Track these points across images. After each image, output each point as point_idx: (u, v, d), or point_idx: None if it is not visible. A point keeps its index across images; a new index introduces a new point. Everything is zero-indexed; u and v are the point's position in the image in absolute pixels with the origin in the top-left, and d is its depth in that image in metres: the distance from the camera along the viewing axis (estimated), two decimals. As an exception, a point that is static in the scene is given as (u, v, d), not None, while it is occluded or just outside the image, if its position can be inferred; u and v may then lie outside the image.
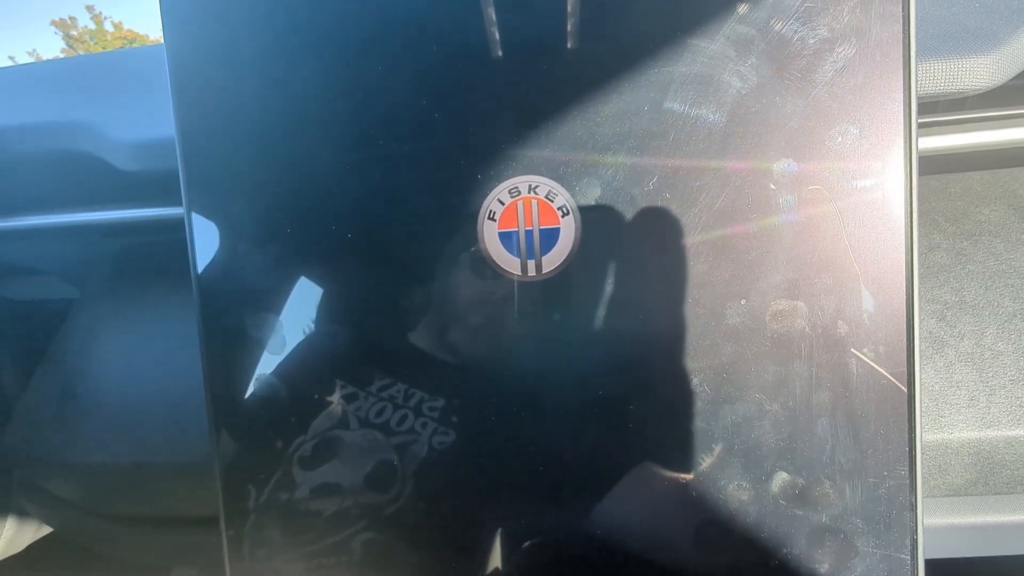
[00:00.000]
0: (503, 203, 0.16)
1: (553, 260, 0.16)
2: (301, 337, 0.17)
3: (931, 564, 0.18)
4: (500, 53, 0.16)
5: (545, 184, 0.16)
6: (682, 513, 0.16)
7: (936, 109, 0.22)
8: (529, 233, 0.16)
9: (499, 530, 0.17)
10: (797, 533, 0.16)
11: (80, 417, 0.22)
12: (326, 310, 0.17)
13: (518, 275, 0.16)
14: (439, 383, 0.17)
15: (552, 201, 0.16)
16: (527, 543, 0.17)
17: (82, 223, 0.23)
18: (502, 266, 0.16)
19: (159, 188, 0.22)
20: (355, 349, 0.17)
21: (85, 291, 0.24)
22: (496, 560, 0.17)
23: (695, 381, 0.16)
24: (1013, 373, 0.19)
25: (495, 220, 0.16)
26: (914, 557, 0.16)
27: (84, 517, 0.23)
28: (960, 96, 0.19)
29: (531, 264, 0.16)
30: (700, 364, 0.16)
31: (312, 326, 0.17)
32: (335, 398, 0.17)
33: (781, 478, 0.16)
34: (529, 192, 0.16)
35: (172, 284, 0.23)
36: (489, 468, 0.17)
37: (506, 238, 0.16)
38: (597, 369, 0.16)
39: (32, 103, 0.24)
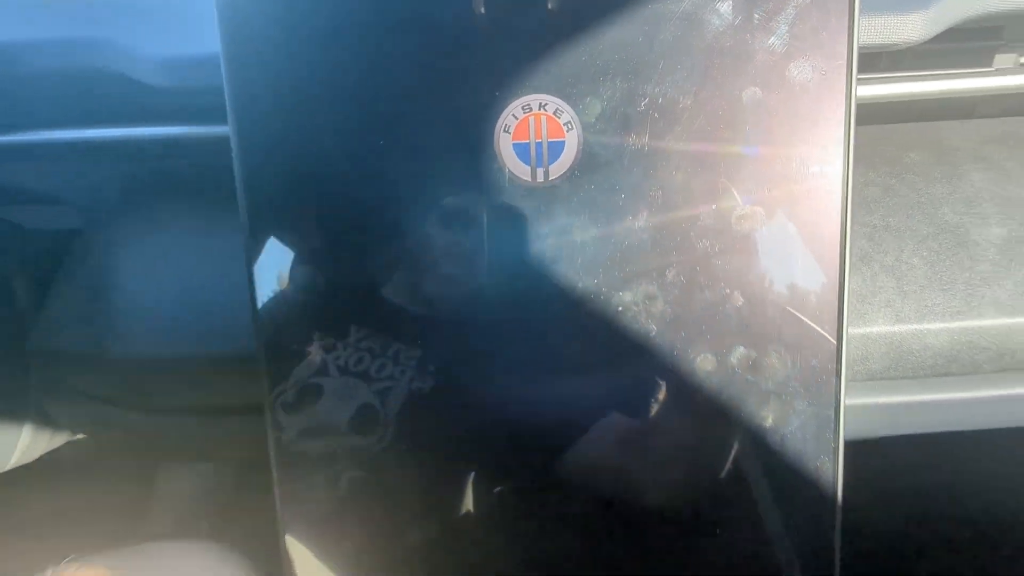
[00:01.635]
0: (516, 118, 0.19)
1: (558, 169, 0.19)
2: (339, 238, 0.20)
3: (853, 444, 0.22)
4: None
5: (553, 102, 0.19)
6: (655, 380, 0.20)
7: (877, 66, 0.26)
8: (539, 144, 0.19)
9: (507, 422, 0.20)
10: (750, 395, 0.20)
11: (114, 313, 0.23)
12: (363, 210, 0.19)
13: (528, 181, 0.19)
14: (461, 275, 0.19)
15: (559, 117, 0.19)
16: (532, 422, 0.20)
17: (107, 139, 0.24)
18: (515, 173, 0.19)
19: (186, 106, 0.23)
20: (389, 246, 0.19)
21: (111, 205, 0.25)
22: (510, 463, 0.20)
23: (674, 272, 0.19)
24: (922, 281, 0.23)
25: (510, 132, 0.19)
26: (837, 414, 0.20)
27: (119, 412, 0.25)
28: (896, 48, 0.23)
29: (540, 172, 0.19)
30: (677, 258, 0.19)
31: (350, 227, 0.19)
32: (372, 289, 0.20)
33: (739, 352, 0.20)
34: (539, 109, 0.19)
35: (205, 199, 0.24)
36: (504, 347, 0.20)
37: (519, 148, 0.19)
38: (594, 262, 0.19)
39: (51, 19, 0.25)
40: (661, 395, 0.20)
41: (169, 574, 0.22)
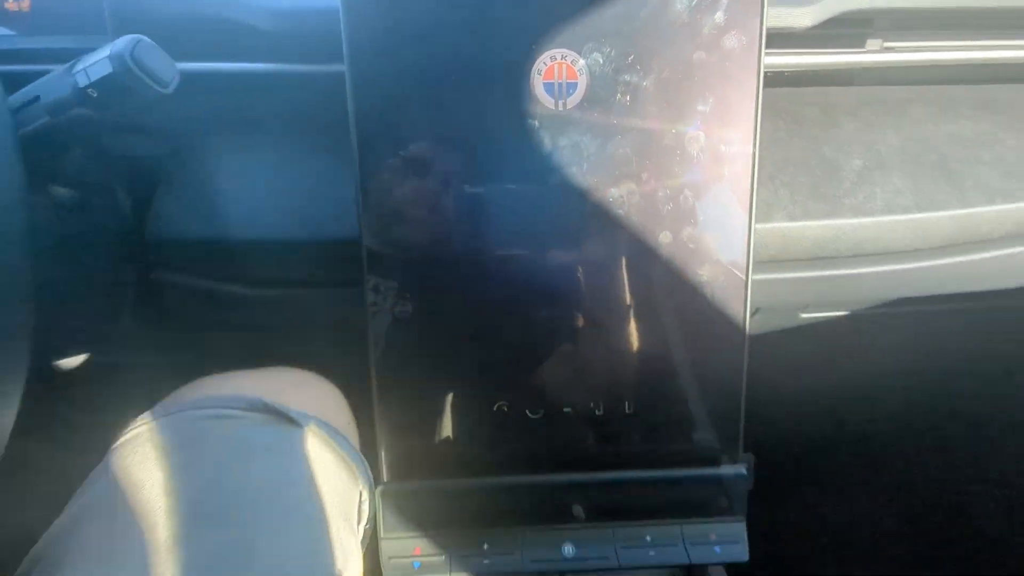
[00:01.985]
0: (546, 64, 0.28)
1: (572, 101, 0.28)
2: (430, 148, 0.28)
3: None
4: None
5: (571, 54, 0.28)
6: (631, 247, 0.30)
7: (781, 44, 0.36)
8: (560, 84, 0.28)
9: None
10: (686, 263, 0.30)
11: (224, 206, 0.31)
12: (443, 133, 0.28)
13: (552, 108, 0.28)
14: (509, 167, 0.29)
15: (574, 65, 0.28)
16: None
17: (228, 71, 0.31)
18: (543, 100, 0.28)
19: (293, 48, 0.31)
20: (464, 150, 0.28)
21: (230, 126, 0.32)
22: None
23: (646, 175, 0.29)
24: (806, 193, 0.35)
25: (541, 74, 0.28)
26: (746, 276, 0.31)
27: (225, 286, 0.33)
28: (793, 31, 0.33)
29: (560, 103, 0.28)
30: (649, 164, 0.29)
31: (436, 140, 0.28)
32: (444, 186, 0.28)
33: (687, 231, 0.30)
34: (561, 59, 0.28)
35: (307, 122, 0.32)
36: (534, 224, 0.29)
37: (547, 86, 0.28)
38: (594, 166, 0.29)
39: None
40: (633, 258, 0.30)
41: (289, 388, 0.31)
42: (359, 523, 0.29)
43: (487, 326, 0.31)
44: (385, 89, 0.28)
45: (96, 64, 0.23)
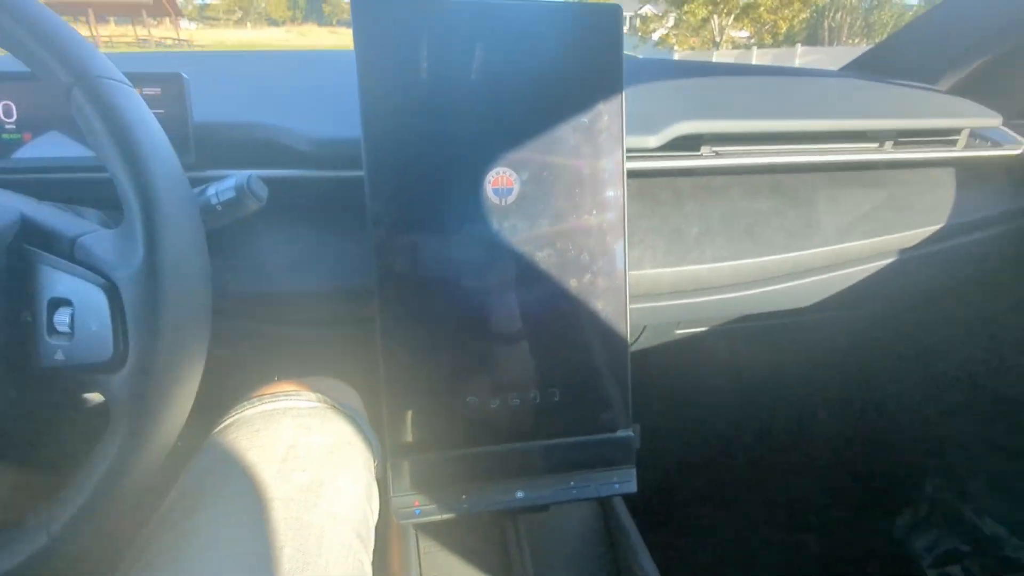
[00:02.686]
0: (494, 176, 0.45)
1: (510, 200, 0.45)
2: (419, 223, 0.44)
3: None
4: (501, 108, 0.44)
5: (510, 170, 0.45)
6: (543, 280, 0.47)
7: (646, 155, 0.56)
8: (501, 188, 0.45)
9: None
10: (587, 298, 0.47)
11: (265, 267, 0.45)
12: (432, 218, 0.44)
13: (498, 203, 0.45)
14: (469, 239, 0.45)
15: (511, 176, 0.45)
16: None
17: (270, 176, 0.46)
18: (492, 199, 0.45)
19: (320, 160, 0.46)
20: (442, 228, 0.44)
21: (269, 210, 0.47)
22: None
23: (560, 238, 0.46)
24: (663, 249, 0.53)
25: (491, 182, 0.45)
26: (626, 305, 0.48)
27: (263, 326, 0.46)
28: (644, 149, 0.53)
29: (501, 200, 0.45)
30: (558, 228, 0.46)
31: (424, 229, 0.44)
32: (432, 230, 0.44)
33: (584, 278, 0.47)
34: (503, 172, 0.45)
35: (325, 207, 0.47)
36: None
37: (495, 190, 0.45)
38: (522, 236, 0.46)
39: (243, 105, 0.46)
40: (553, 297, 0.47)
41: (328, 388, 0.44)
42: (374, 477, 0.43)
43: (460, 346, 0.46)
44: (395, 190, 0.43)
45: (224, 190, 0.37)
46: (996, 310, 0.80)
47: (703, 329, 0.64)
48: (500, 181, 0.45)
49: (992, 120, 0.65)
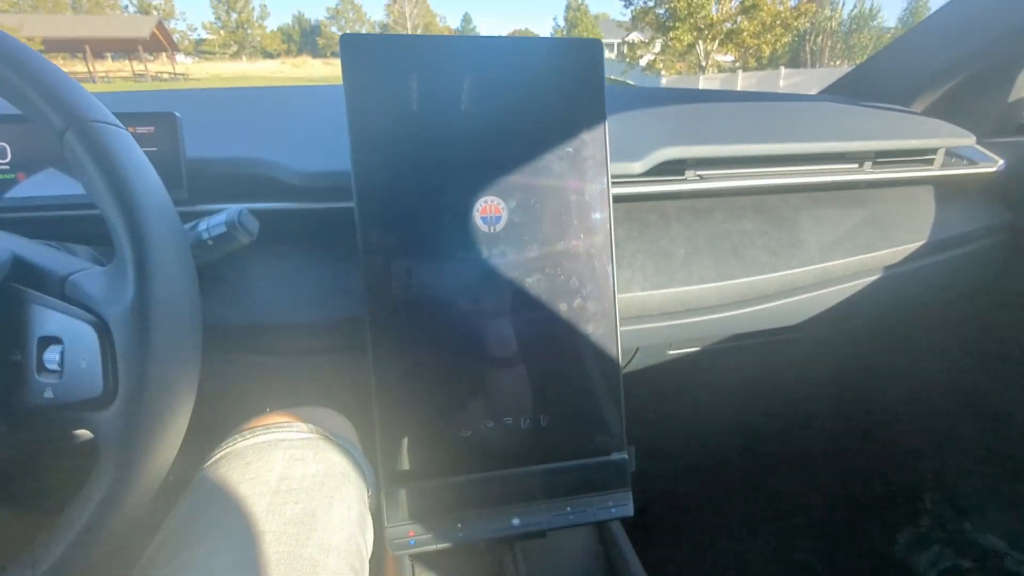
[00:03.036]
0: (482, 204, 0.46)
1: (499, 227, 0.46)
2: (408, 254, 0.45)
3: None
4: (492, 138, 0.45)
5: (497, 198, 0.46)
6: (533, 306, 0.47)
7: (633, 180, 0.57)
8: (490, 216, 0.46)
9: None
10: (577, 322, 0.48)
11: (260, 299, 0.46)
12: (423, 246, 0.45)
13: (487, 231, 0.46)
14: (460, 265, 0.45)
15: (499, 205, 0.46)
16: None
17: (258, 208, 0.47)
18: (481, 227, 0.46)
19: (309, 192, 0.47)
20: (434, 256, 0.45)
21: (261, 242, 0.47)
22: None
23: (548, 264, 0.47)
24: (651, 272, 0.54)
25: (479, 210, 0.46)
26: (616, 327, 0.49)
27: (259, 357, 0.46)
28: (631, 174, 0.54)
29: (490, 227, 0.46)
30: (547, 256, 0.47)
31: (415, 258, 0.45)
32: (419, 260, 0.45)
33: (574, 302, 0.48)
34: (491, 200, 0.46)
35: (312, 237, 0.48)
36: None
37: (484, 218, 0.46)
38: (511, 262, 0.46)
39: (234, 142, 0.47)
40: (543, 322, 0.48)
41: (321, 419, 0.44)
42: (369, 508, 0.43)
43: (452, 373, 0.47)
44: (385, 220, 0.44)
45: (215, 225, 0.38)
46: (981, 322, 0.81)
47: (695, 349, 0.64)
48: (489, 209, 0.46)
49: (966, 139, 0.68)
